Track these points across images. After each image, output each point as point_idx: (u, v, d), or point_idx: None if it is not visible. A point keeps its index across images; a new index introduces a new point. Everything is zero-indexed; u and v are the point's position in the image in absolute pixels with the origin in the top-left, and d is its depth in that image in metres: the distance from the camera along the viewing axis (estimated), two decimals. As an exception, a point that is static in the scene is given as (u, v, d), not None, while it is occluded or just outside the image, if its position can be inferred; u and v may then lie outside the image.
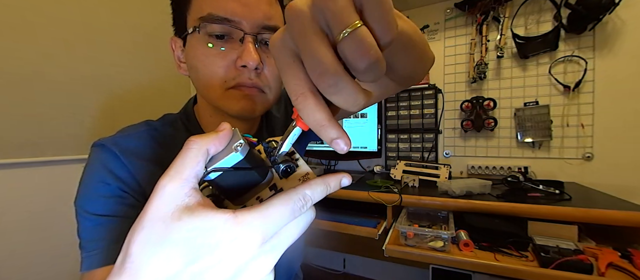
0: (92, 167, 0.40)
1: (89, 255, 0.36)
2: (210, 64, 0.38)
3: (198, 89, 0.43)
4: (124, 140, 0.41)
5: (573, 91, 1.18)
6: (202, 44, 0.38)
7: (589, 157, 1.19)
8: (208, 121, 0.46)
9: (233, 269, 0.19)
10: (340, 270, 1.73)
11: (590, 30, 1.15)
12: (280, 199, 0.20)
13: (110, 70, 1.13)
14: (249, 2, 0.37)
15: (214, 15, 0.36)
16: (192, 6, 0.39)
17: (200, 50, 0.39)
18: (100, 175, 0.38)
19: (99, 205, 0.37)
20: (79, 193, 0.39)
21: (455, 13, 1.37)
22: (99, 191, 0.38)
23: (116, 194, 0.38)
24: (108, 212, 0.37)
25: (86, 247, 0.36)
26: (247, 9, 0.37)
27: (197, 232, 0.18)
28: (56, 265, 0.98)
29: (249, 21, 0.37)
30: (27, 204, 0.92)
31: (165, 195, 0.19)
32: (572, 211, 0.81)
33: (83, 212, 0.38)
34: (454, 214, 0.98)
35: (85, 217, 0.37)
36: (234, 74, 0.39)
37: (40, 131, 0.95)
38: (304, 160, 0.26)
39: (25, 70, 0.92)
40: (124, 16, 1.18)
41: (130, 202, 0.38)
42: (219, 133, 0.22)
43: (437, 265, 1.05)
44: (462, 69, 1.38)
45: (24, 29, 0.91)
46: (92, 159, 0.40)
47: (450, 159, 1.42)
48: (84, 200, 0.38)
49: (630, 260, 0.75)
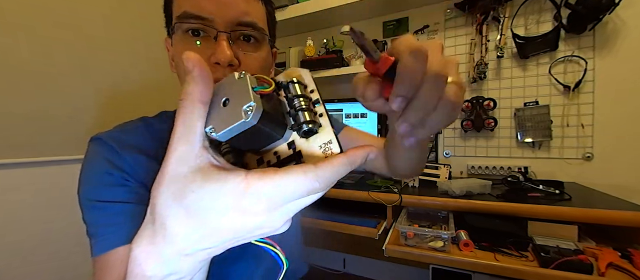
0: (93, 160, 0.40)
1: (104, 238, 0.36)
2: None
3: (181, 84, 0.42)
4: (121, 134, 0.43)
5: (573, 91, 1.18)
6: (181, 41, 0.40)
7: (589, 157, 1.19)
8: None
9: (239, 233, 0.20)
10: (340, 270, 1.73)
11: (590, 30, 1.15)
12: (297, 175, 0.18)
13: (110, 70, 1.13)
14: (223, 0, 0.39)
15: (189, 13, 0.38)
16: (174, 6, 0.41)
17: (179, 46, 0.41)
18: (103, 167, 0.39)
19: (106, 193, 0.38)
20: (82, 185, 0.40)
21: (455, 13, 1.37)
22: (104, 181, 0.38)
23: (120, 182, 0.39)
24: (116, 199, 0.38)
25: (97, 232, 0.37)
26: (221, 7, 0.38)
27: (207, 196, 0.18)
28: (56, 265, 0.98)
29: (223, 19, 0.39)
30: (27, 204, 0.92)
31: (179, 157, 0.19)
32: (572, 211, 0.81)
33: (89, 201, 0.38)
34: (454, 214, 0.98)
35: (93, 206, 0.38)
36: (211, 69, 0.39)
37: (40, 131, 0.95)
38: (327, 114, 0.23)
39: (25, 70, 0.92)
40: (124, 15, 1.18)
41: (135, 189, 0.39)
42: (194, 77, 0.20)
43: (437, 265, 1.05)
44: (462, 69, 1.38)
45: (24, 29, 0.91)
46: (92, 152, 0.41)
47: (450, 159, 1.42)
48: (89, 191, 0.39)
49: (630, 260, 0.76)
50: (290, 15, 1.47)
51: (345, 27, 0.21)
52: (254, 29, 0.41)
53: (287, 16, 1.47)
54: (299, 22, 1.54)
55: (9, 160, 0.88)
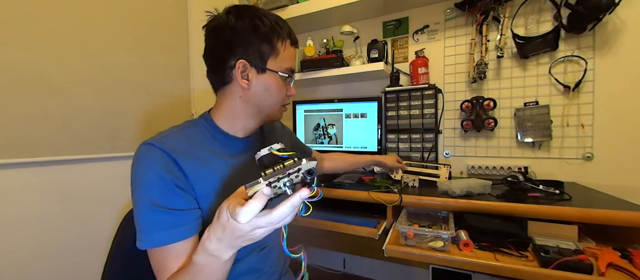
0: (148, 163, 0.52)
1: (166, 234, 0.50)
2: (282, 91, 0.64)
3: (261, 103, 0.63)
4: (167, 140, 0.55)
5: (573, 91, 1.18)
6: (281, 80, 0.63)
7: (589, 157, 1.19)
8: (223, 122, 0.64)
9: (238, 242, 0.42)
10: (340, 270, 1.73)
11: (590, 30, 1.15)
12: (264, 217, 0.38)
13: (110, 70, 1.13)
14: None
15: (292, 69, 0.64)
16: (278, 58, 0.61)
17: (279, 83, 0.62)
18: (157, 171, 0.51)
19: (166, 199, 0.51)
20: (140, 184, 0.52)
21: (455, 13, 1.37)
22: (160, 186, 0.51)
23: (170, 188, 0.52)
24: (176, 207, 0.52)
25: (158, 228, 0.50)
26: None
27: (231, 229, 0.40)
28: (56, 265, 0.98)
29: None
30: (26, 204, 0.92)
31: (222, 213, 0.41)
32: (572, 211, 0.81)
33: (147, 200, 0.51)
34: (454, 214, 0.98)
35: (148, 206, 0.50)
36: (284, 99, 0.66)
37: (40, 131, 0.95)
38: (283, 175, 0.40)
39: (25, 70, 0.92)
40: (125, 16, 1.18)
41: (186, 195, 0.53)
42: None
43: (437, 265, 1.05)
44: (462, 69, 1.38)
45: (24, 29, 0.91)
46: (145, 155, 0.53)
47: (450, 159, 1.42)
48: (153, 194, 0.51)
49: (630, 260, 0.75)
50: (290, 15, 1.47)
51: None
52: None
53: (287, 16, 1.47)
54: (299, 22, 1.55)
55: (9, 160, 0.88)
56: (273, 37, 0.60)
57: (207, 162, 0.58)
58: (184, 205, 0.53)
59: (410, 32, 1.48)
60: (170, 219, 0.51)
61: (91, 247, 1.06)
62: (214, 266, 0.44)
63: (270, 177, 0.38)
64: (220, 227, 0.40)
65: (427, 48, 1.43)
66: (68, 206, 1.00)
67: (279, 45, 0.60)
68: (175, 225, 0.51)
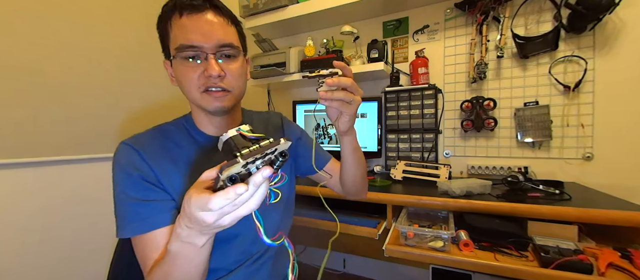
0: (117, 160, 0.56)
1: (143, 223, 0.52)
2: (187, 75, 0.56)
3: (185, 95, 0.59)
4: (139, 138, 0.59)
5: (573, 91, 1.18)
6: (181, 64, 0.56)
7: (589, 157, 1.19)
8: (198, 118, 0.64)
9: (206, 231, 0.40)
10: (340, 270, 1.73)
11: (590, 30, 1.15)
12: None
13: (110, 70, 1.13)
14: (206, 32, 0.54)
15: (184, 45, 0.54)
16: (170, 39, 0.56)
17: (181, 68, 0.56)
18: (124, 168, 0.54)
19: (139, 192, 0.53)
20: (114, 179, 0.55)
21: (455, 13, 1.37)
22: (129, 180, 0.54)
23: (138, 181, 0.54)
24: (148, 198, 0.53)
25: (135, 218, 0.52)
26: (205, 37, 0.54)
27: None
28: (56, 265, 0.98)
29: (209, 44, 0.54)
30: (27, 204, 0.92)
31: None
32: (572, 211, 0.81)
33: (122, 194, 0.53)
34: (454, 214, 0.98)
35: (123, 199, 0.53)
36: (204, 80, 0.56)
37: (41, 131, 0.95)
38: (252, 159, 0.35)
39: (25, 71, 0.92)
40: (125, 17, 1.18)
41: (149, 187, 0.54)
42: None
43: (437, 265, 1.05)
44: (462, 69, 1.38)
45: (24, 29, 0.91)
46: (116, 153, 0.56)
47: (450, 159, 1.42)
48: (120, 186, 0.54)
49: (630, 260, 0.75)
50: (290, 15, 1.47)
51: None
52: (231, 48, 0.57)
53: (287, 16, 1.47)
54: (299, 22, 1.55)
55: (9, 160, 0.88)
56: (165, 19, 0.56)
57: (182, 160, 0.59)
58: (156, 196, 0.54)
59: (410, 32, 1.48)
60: (144, 210, 0.52)
61: (95, 247, 1.06)
62: (189, 253, 0.44)
63: (247, 157, 0.33)
64: (187, 217, 0.38)
65: (427, 48, 1.43)
66: (69, 206, 1.00)
67: (169, 26, 0.55)
68: (149, 215, 0.52)
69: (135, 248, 0.54)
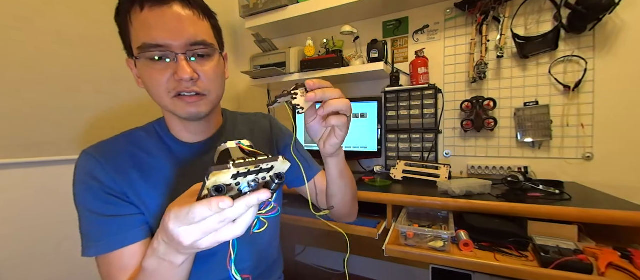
0: (77, 171, 0.51)
1: (107, 242, 0.47)
2: (154, 78, 0.48)
3: (154, 100, 0.51)
4: (102, 146, 0.53)
5: (573, 91, 1.18)
6: (146, 65, 0.47)
7: (589, 157, 1.19)
8: (172, 124, 0.57)
9: (183, 250, 0.35)
10: (340, 270, 1.73)
11: (590, 30, 1.15)
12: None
13: (111, 70, 1.13)
14: (173, 28, 0.45)
15: (147, 44, 0.45)
16: (132, 36, 0.47)
17: (146, 70, 0.48)
18: (84, 179, 0.49)
19: (102, 207, 0.48)
20: (74, 193, 0.50)
21: (455, 13, 1.37)
22: (89, 194, 0.49)
23: (99, 195, 0.49)
24: (110, 213, 0.48)
25: (100, 237, 0.47)
26: (173, 34, 0.45)
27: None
28: (56, 265, 0.98)
29: (177, 43, 0.46)
30: (27, 204, 0.92)
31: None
32: (572, 211, 0.81)
33: (84, 209, 0.49)
34: (454, 214, 0.98)
35: (85, 215, 0.49)
36: (175, 85, 0.48)
37: (40, 131, 0.95)
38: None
39: (25, 70, 0.92)
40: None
41: (112, 200, 0.49)
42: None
43: (437, 265, 1.05)
44: (462, 69, 1.38)
45: (24, 29, 0.91)
46: (77, 164, 0.51)
47: (450, 159, 1.42)
48: (88, 201, 0.49)
49: (630, 260, 0.75)
50: (290, 15, 1.47)
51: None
52: (204, 46, 0.49)
53: (287, 16, 1.47)
54: (299, 22, 1.54)
55: (9, 160, 0.88)
56: (123, 13, 0.47)
57: (153, 168, 0.53)
58: (121, 210, 0.48)
59: (410, 32, 1.48)
60: (108, 226, 0.47)
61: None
62: (166, 272, 0.39)
63: (239, 166, 0.30)
64: (164, 231, 0.34)
65: (427, 48, 1.43)
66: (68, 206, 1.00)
67: (129, 21, 0.46)
68: (115, 232, 0.47)
69: (100, 269, 0.48)
